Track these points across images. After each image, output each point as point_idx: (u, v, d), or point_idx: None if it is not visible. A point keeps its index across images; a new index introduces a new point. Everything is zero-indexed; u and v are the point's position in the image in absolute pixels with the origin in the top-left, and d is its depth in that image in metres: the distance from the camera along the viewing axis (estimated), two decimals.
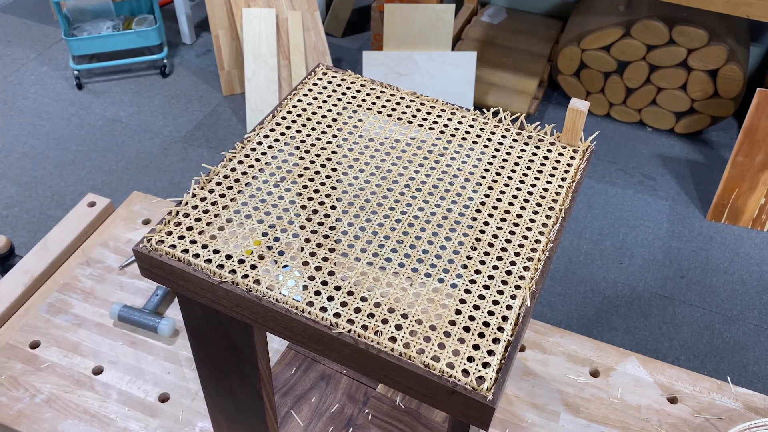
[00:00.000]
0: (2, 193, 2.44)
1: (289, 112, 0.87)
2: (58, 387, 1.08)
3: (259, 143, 0.83)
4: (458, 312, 0.67)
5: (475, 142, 0.85)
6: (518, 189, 0.79)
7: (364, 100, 0.90)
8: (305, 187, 0.78)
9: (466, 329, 0.65)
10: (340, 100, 0.89)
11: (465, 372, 0.61)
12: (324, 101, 0.89)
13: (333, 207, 0.76)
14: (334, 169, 0.80)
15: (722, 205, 2.38)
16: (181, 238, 0.70)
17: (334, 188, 0.78)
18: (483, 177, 0.80)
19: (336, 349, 0.66)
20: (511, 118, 0.88)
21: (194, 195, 0.75)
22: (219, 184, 0.76)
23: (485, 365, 0.62)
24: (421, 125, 0.87)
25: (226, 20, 2.73)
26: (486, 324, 0.65)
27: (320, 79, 0.93)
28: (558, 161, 0.82)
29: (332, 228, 0.74)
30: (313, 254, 0.71)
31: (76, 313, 1.17)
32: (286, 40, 2.67)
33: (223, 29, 2.74)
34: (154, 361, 1.12)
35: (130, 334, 1.15)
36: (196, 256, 0.69)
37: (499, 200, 0.78)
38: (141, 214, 1.34)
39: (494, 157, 0.83)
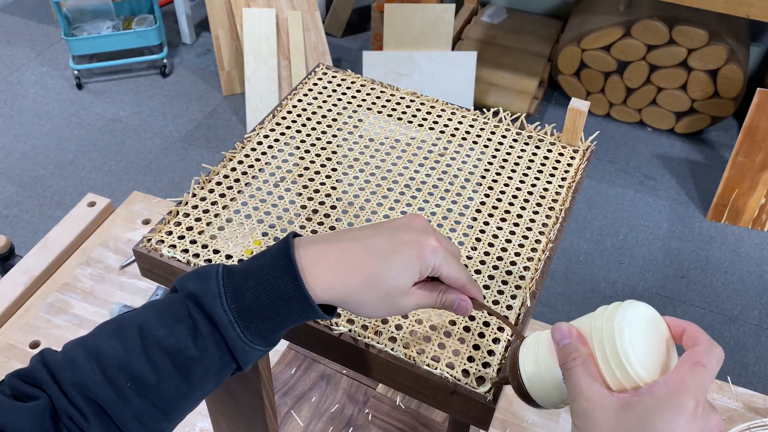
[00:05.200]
0: (2, 193, 2.44)
1: (289, 112, 0.87)
2: None
3: (259, 143, 0.83)
4: None
5: (475, 142, 0.85)
6: (518, 189, 0.79)
7: (364, 100, 0.89)
8: (305, 186, 0.78)
9: (467, 329, 0.65)
10: (340, 100, 0.89)
11: (465, 372, 0.61)
12: (324, 101, 0.89)
13: (333, 207, 0.76)
14: (334, 169, 0.80)
15: (722, 205, 2.38)
16: (181, 237, 0.70)
17: (334, 188, 0.78)
18: (483, 177, 0.80)
19: (336, 349, 0.66)
20: (511, 118, 0.88)
21: (194, 195, 0.75)
22: (219, 183, 0.76)
23: (485, 365, 0.62)
24: (421, 125, 0.87)
25: (226, 20, 2.73)
26: (486, 324, 0.65)
27: (320, 79, 0.93)
28: (558, 161, 0.82)
29: (332, 228, 0.74)
30: None
31: (76, 313, 1.17)
32: (286, 40, 2.67)
33: (223, 29, 2.74)
34: None
35: None
36: (197, 255, 0.69)
37: (499, 200, 0.77)
38: (141, 214, 1.34)
39: (494, 157, 0.83)
